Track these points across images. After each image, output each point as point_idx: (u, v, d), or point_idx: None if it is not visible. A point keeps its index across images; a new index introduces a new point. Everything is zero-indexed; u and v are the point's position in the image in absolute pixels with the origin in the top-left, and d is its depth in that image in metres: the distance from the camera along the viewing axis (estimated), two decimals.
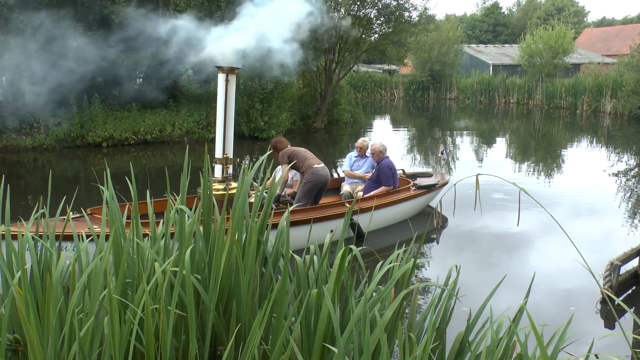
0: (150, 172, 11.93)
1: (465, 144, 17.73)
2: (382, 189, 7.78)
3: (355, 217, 6.94)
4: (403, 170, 9.02)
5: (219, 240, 2.46)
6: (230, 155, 5.95)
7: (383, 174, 7.82)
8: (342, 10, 19.04)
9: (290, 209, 2.84)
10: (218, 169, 5.96)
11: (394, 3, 19.27)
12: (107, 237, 2.71)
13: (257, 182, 2.94)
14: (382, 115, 28.98)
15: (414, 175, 8.90)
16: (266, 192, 5.34)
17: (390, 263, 2.65)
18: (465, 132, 21.10)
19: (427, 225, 8.14)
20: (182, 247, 2.52)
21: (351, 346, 2.35)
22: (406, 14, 19.63)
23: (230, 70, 5.79)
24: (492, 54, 41.92)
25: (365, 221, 7.06)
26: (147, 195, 3.39)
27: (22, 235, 2.50)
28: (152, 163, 13.26)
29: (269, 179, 7.62)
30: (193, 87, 19.38)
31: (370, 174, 8.16)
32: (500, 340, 2.49)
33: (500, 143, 18.58)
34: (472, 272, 6.19)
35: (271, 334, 2.47)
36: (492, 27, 60.28)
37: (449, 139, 18.73)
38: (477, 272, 6.27)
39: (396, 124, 24.68)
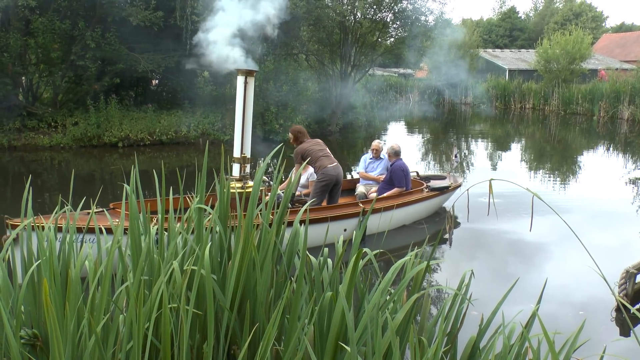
0: (165, 172, 12.02)
1: (480, 149, 17.65)
2: (394, 190, 7.92)
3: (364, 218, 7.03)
4: (417, 173, 9.18)
5: (237, 239, 2.48)
6: (248, 154, 6.15)
7: (395, 175, 7.98)
8: (358, 13, 19.07)
9: (304, 207, 2.87)
10: (236, 168, 6.15)
11: (410, 7, 19.27)
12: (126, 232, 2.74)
13: (272, 182, 2.97)
14: (397, 119, 28.93)
15: (428, 178, 9.08)
16: (283, 192, 5.44)
17: (403, 265, 2.66)
18: (480, 137, 21.00)
19: (441, 229, 8.13)
20: (200, 245, 2.55)
21: (363, 349, 2.36)
22: (422, 18, 19.63)
23: (248, 73, 6.00)
24: (509, 58, 41.67)
25: (376, 222, 7.22)
26: (162, 193, 3.42)
27: (47, 227, 2.54)
28: (168, 163, 13.37)
29: (283, 181, 7.73)
30: (209, 89, 19.49)
31: (384, 176, 8.30)
32: (512, 346, 2.49)
33: (516, 149, 18.46)
34: (485, 277, 6.17)
35: (284, 335, 2.49)
36: (508, 31, 59.87)
37: (464, 144, 18.65)
38: (489, 278, 6.25)
39: (411, 127, 24.62)
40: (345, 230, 6.97)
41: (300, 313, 2.47)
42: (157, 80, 19.22)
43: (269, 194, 6.65)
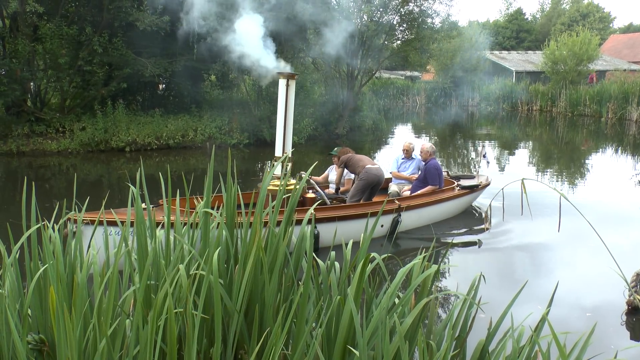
0: (172, 176, 12.05)
1: (487, 151, 17.57)
2: (428, 188, 8.26)
3: (400, 214, 7.52)
4: (447, 172, 9.57)
5: (245, 243, 2.47)
6: (289, 154, 6.38)
7: (429, 174, 8.30)
8: (364, 16, 19.06)
9: (313, 206, 2.88)
10: (278, 167, 6.33)
11: (417, 9, 19.25)
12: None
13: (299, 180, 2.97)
14: (404, 121, 28.88)
15: (458, 177, 9.53)
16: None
17: (412, 267, 2.64)
18: (487, 139, 20.92)
19: (460, 232, 8.09)
20: (207, 250, 2.54)
21: (371, 353, 2.34)
22: (429, 20, 19.61)
23: (290, 76, 6.47)
24: (515, 60, 41.53)
25: (409, 218, 7.68)
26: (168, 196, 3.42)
27: (51, 230, 2.54)
28: (175, 167, 13.40)
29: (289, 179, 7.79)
30: (215, 93, 19.54)
31: (416, 175, 8.64)
32: (522, 350, 2.46)
33: (524, 150, 18.38)
34: (494, 280, 6.12)
35: (292, 339, 2.47)
36: (515, 33, 59.62)
37: (471, 146, 18.59)
38: (498, 280, 6.20)
39: (418, 130, 24.57)
40: (382, 226, 7.47)
41: (308, 317, 2.45)
42: (163, 85, 19.30)
43: (310, 192, 7.12)
